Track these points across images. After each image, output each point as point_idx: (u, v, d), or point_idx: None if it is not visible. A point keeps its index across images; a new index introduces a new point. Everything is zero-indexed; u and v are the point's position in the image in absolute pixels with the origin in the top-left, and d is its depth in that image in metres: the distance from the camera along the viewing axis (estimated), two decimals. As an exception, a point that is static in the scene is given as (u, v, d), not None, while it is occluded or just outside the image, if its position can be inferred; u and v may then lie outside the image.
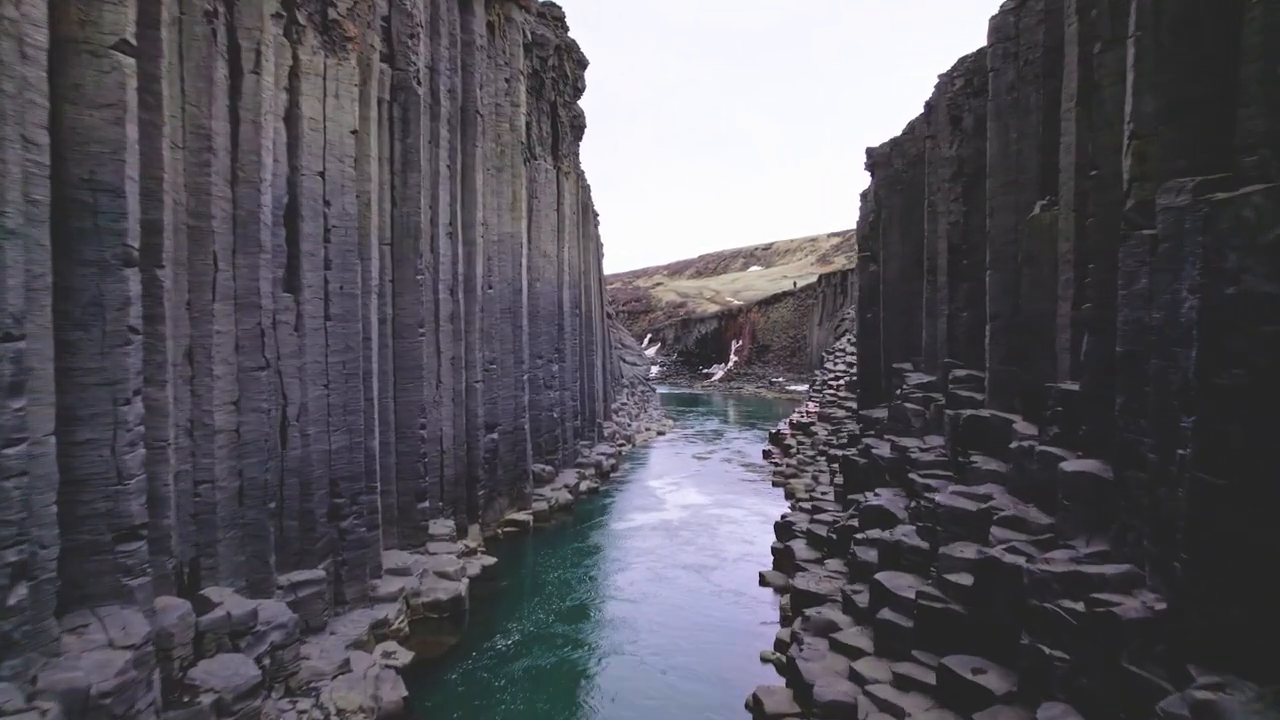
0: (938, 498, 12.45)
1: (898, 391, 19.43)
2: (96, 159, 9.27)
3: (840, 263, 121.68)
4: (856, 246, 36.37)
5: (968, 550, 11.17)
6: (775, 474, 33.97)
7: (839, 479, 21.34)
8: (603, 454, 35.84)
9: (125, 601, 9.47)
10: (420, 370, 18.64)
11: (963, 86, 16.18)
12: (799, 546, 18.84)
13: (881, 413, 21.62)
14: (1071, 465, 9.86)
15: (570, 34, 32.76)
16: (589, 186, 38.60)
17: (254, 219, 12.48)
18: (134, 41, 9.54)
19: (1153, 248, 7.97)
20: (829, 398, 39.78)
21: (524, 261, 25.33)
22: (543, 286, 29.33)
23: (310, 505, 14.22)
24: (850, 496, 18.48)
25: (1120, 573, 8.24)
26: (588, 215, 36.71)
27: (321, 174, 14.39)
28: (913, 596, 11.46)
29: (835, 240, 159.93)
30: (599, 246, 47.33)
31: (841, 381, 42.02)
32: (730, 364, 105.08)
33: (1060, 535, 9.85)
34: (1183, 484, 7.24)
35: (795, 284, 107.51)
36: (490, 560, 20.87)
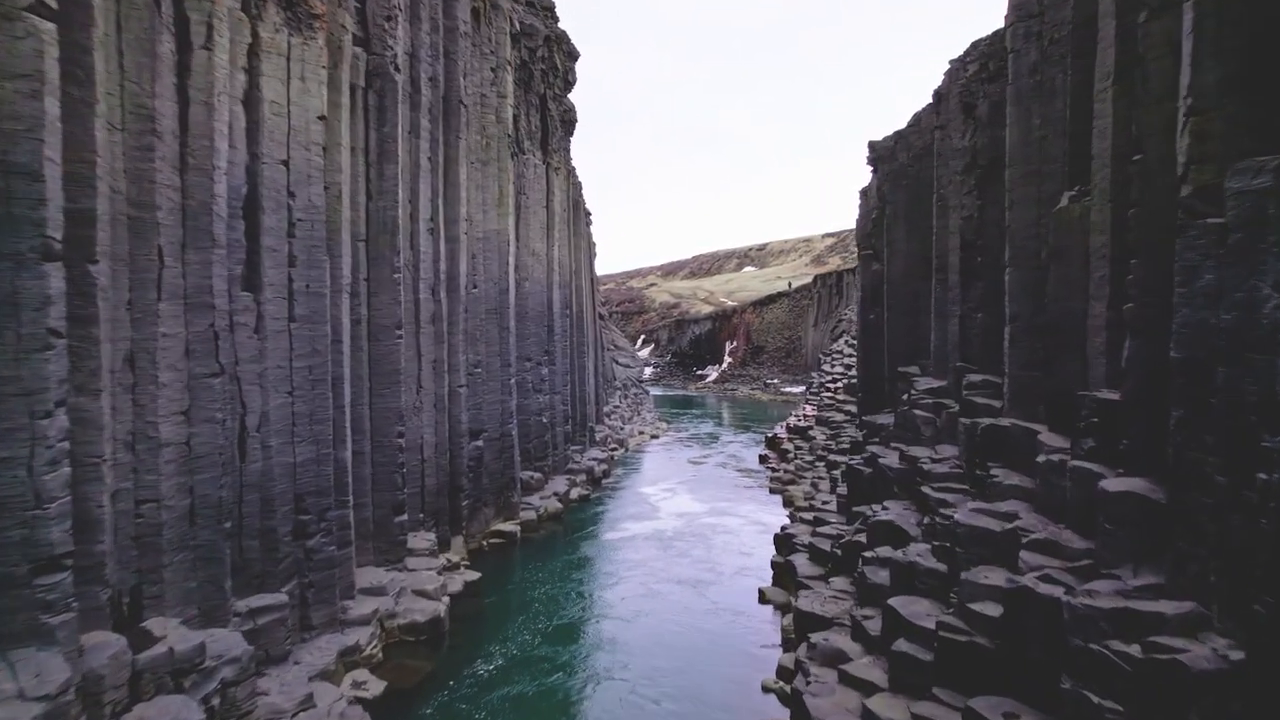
0: (956, 515, 11.38)
1: (904, 397, 18.38)
2: (9, 138, 8.11)
3: (835, 263, 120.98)
4: (856, 245, 35.37)
5: (993, 575, 10.10)
6: (772, 480, 32.91)
7: (841, 488, 20.29)
8: (594, 459, 34.72)
9: (44, 642, 8.30)
10: (398, 375, 17.48)
11: (977, 72, 15.14)
12: (801, 561, 17.75)
13: (887, 419, 20.56)
14: (1114, 484, 8.80)
15: (560, 25, 31.67)
16: (580, 183, 37.48)
17: (206, 210, 11.32)
18: (53, 5, 8.38)
19: (1220, 238, 6.92)
20: (827, 401, 38.77)
21: (511, 260, 24.20)
22: (531, 286, 28.20)
23: (273, 523, 13.05)
24: (855, 509, 17.41)
25: (1181, 612, 7.18)
26: (579, 213, 35.61)
27: (285, 162, 13.23)
28: (932, 627, 10.38)
29: (830, 241, 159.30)
30: (591, 245, 46.25)
31: (839, 384, 41.00)
32: (724, 365, 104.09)
33: (1101, 563, 8.79)
34: (1265, 513, 6.18)
35: (790, 285, 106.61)
36: (474, 575, 19.72)
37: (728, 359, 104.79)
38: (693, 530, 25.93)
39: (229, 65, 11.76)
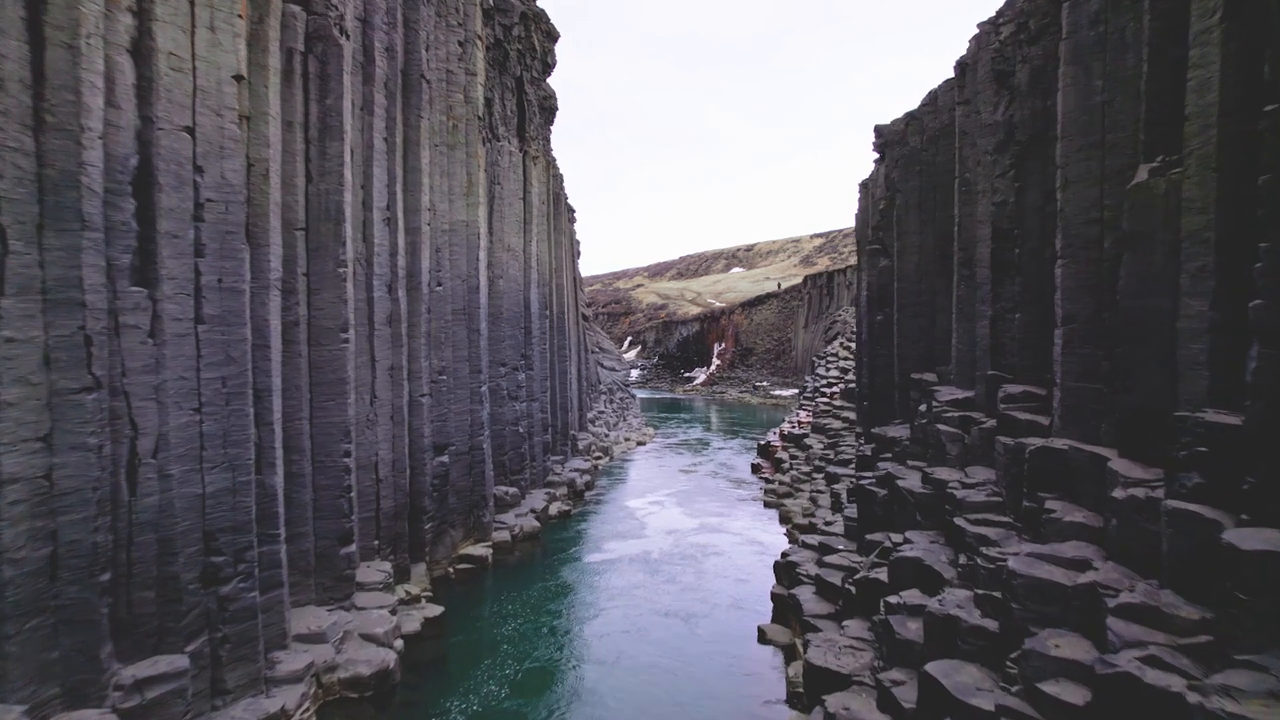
0: (1011, 563, 9.21)
1: (921, 408, 16.25)
2: None
3: (824, 264, 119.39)
4: (856, 241, 33.30)
5: (1069, 646, 7.95)
6: (767, 491, 30.76)
7: (849, 510, 18.13)
8: (577, 470, 32.44)
9: None
10: (344, 384, 15.14)
11: (1013, 34, 13.02)
12: (806, 596, 15.58)
13: (899, 431, 18.44)
14: (1247, 539, 6.66)
15: (539, 4, 29.40)
16: (561, 176, 35.20)
17: (72, 181, 8.97)
18: None
19: None
20: (823, 407, 36.70)
21: (481, 255, 21.89)
22: (506, 285, 25.88)
23: (173, 569, 10.69)
24: (869, 537, 15.25)
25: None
26: (559, 207, 33.34)
27: (189, 130, 10.88)
28: (989, 709, 8.21)
29: (818, 241, 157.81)
30: (574, 243, 43.99)
31: (835, 389, 38.94)
32: (713, 368, 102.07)
33: (1228, 642, 6.65)
34: None
35: (780, 285, 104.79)
36: (435, 610, 17.40)
37: (716, 361, 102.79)
38: (682, 551, 23.70)
39: (105, 1, 9.40)
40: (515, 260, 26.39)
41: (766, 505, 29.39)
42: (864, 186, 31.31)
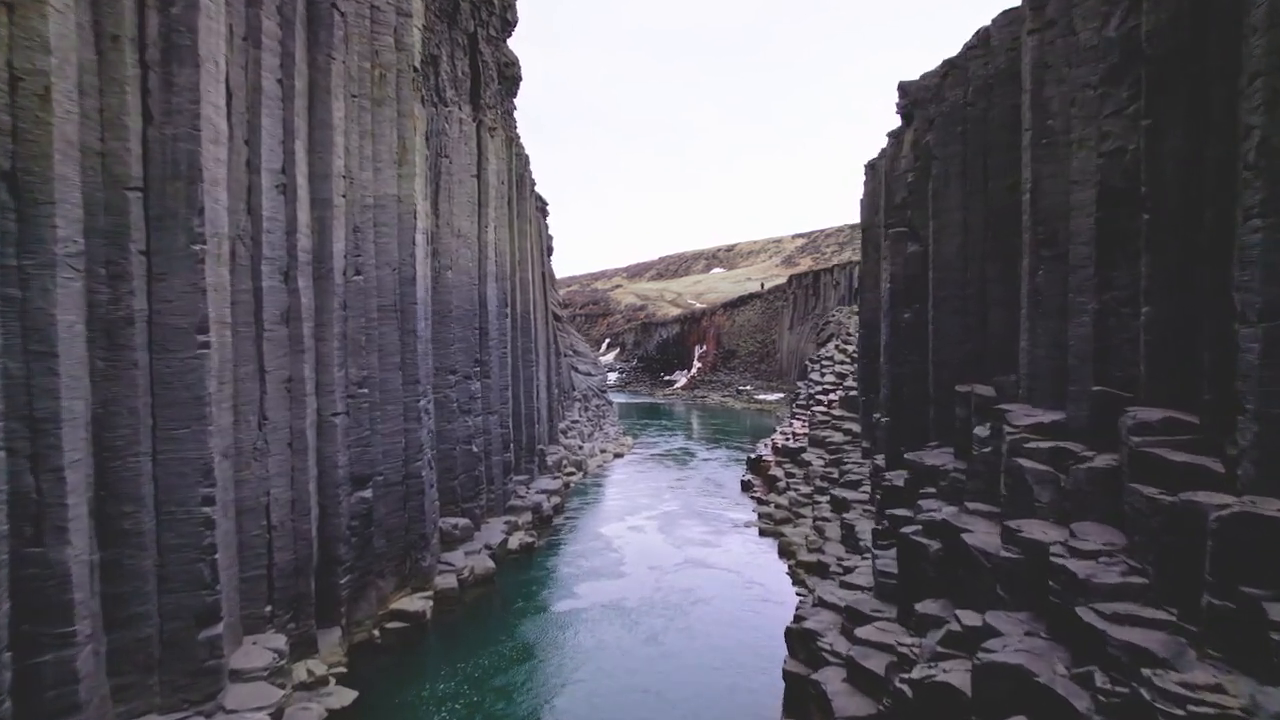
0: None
1: (979, 431, 12.41)
2: None
3: (806, 264, 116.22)
4: (861, 231, 29.57)
5: None
6: (762, 516, 26.85)
7: (879, 556, 14.23)
8: (544, 491, 28.32)
9: None
10: (202, 404, 10.96)
11: (1136, -89, 9.23)
12: (835, 685, 11.67)
13: (940, 457, 14.60)
14: None
15: (498, -47, 25.32)
16: (527, 157, 31.09)
17: None
18: None
19: None
20: (820, 416, 32.90)
21: (419, 239, 17.74)
22: (456, 277, 21.74)
23: None
24: (920, 609, 11.35)
25: None
26: (525, 190, 29.22)
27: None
28: None
29: (800, 241, 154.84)
30: (544, 234, 39.89)
31: (833, 396, 35.18)
32: (694, 370, 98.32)
33: None
34: None
35: (763, 285, 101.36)
36: (346, 697, 13.30)
37: (697, 364, 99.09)
38: (665, 596, 19.69)
39: None
40: (468, 248, 22.24)
41: (762, 533, 25.48)
42: (871, 168, 27.59)
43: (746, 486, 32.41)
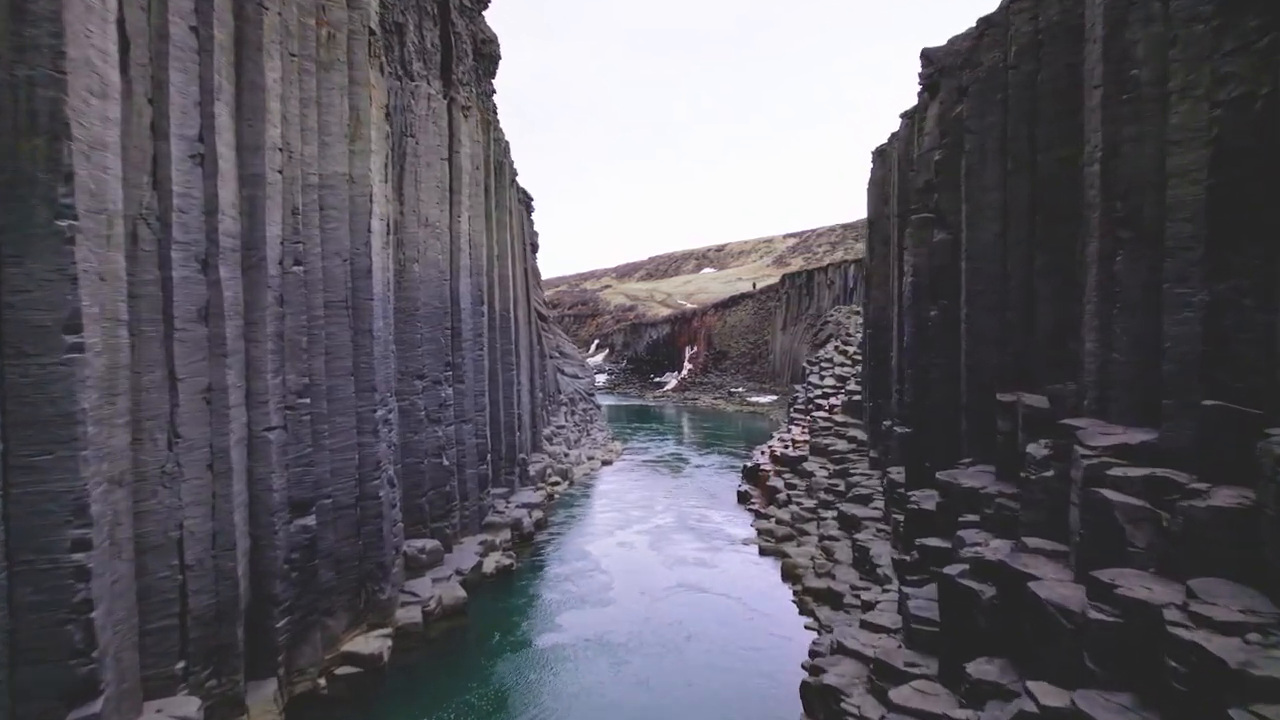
0: None
1: (1036, 451, 10.29)
2: None
3: (798, 264, 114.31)
4: (867, 224, 27.50)
5: None
6: (762, 533, 24.69)
7: (912, 599, 12.09)
8: (526, 505, 26.08)
9: None
10: (73, 422, 8.67)
11: None
12: (867, 763, 9.48)
13: (978, 478, 12.50)
14: None
15: (473, -83, 23.09)
16: (507, 143, 28.84)
17: None
18: None
19: None
20: (821, 422, 30.81)
21: (375, 225, 15.47)
22: (424, 270, 19.48)
23: None
24: (973, 673, 9.20)
25: None
26: (504, 179, 26.96)
27: None
28: None
29: (791, 241, 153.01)
30: (527, 229, 37.64)
31: (835, 401, 33.11)
32: (684, 372, 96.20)
33: None
34: None
35: (755, 285, 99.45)
36: (276, 770, 11.05)
37: (688, 365, 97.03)
38: (658, 631, 17.48)
39: None
40: (437, 239, 19.97)
41: (763, 552, 23.33)
42: (880, 154, 25.55)
43: (743, 498, 30.26)
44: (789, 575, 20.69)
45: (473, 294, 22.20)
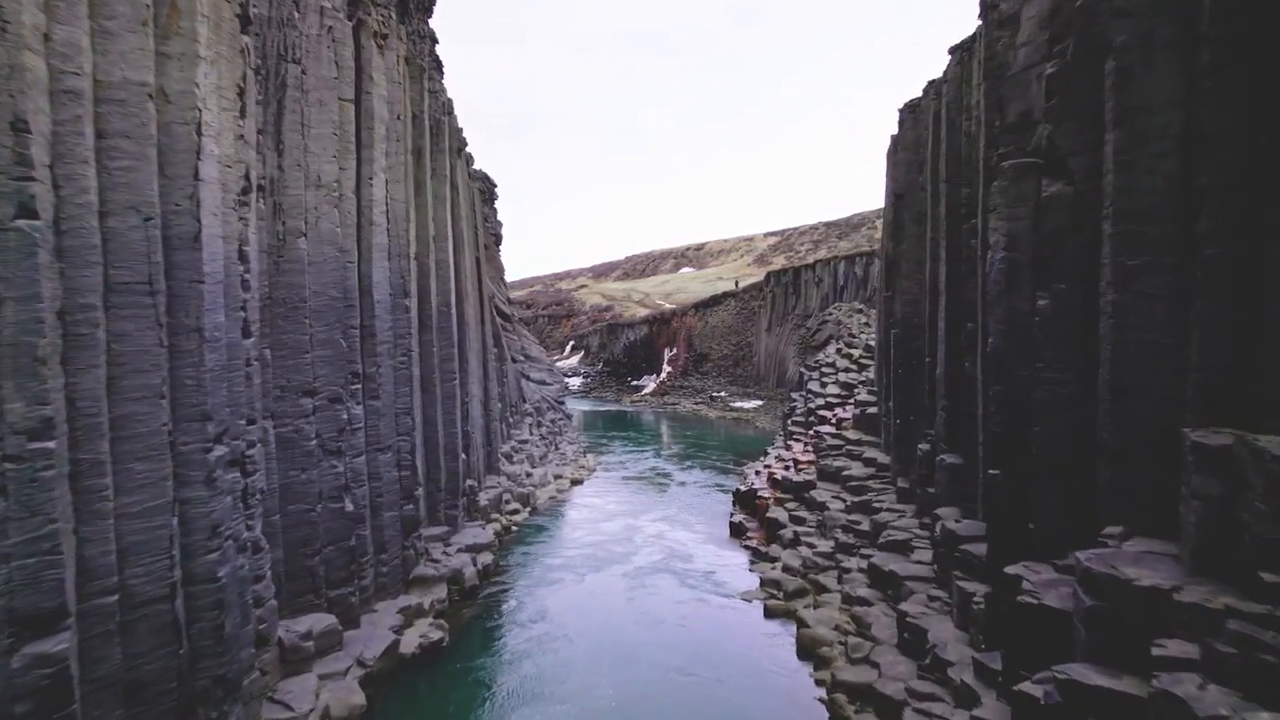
0: None
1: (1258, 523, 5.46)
2: None
3: (780, 263, 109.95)
4: (887, 197, 22.55)
5: None
6: (766, 583, 19.65)
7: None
8: (471, 549, 20.88)
9: None
10: None
11: None
12: None
13: (1156, 571, 7.62)
14: None
15: None
16: (450, 102, 23.58)
17: None
18: None
19: None
20: (829, 439, 25.92)
21: (206, 169, 10.18)
22: (314, 249, 14.24)
23: None
24: None
25: None
26: (443, 142, 21.67)
27: None
28: None
29: (773, 240, 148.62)
30: (485, 212, 32.37)
31: (842, 414, 28.26)
32: (663, 375, 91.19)
33: None
34: None
35: (737, 284, 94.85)
36: None
37: (667, 368, 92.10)
38: (636, 751, 12.43)
39: None
40: (335, 207, 14.71)
41: (769, 612, 18.31)
42: (911, 110, 20.66)
43: (737, 530, 25.30)
44: (808, 651, 15.70)
45: (392, 282, 16.96)
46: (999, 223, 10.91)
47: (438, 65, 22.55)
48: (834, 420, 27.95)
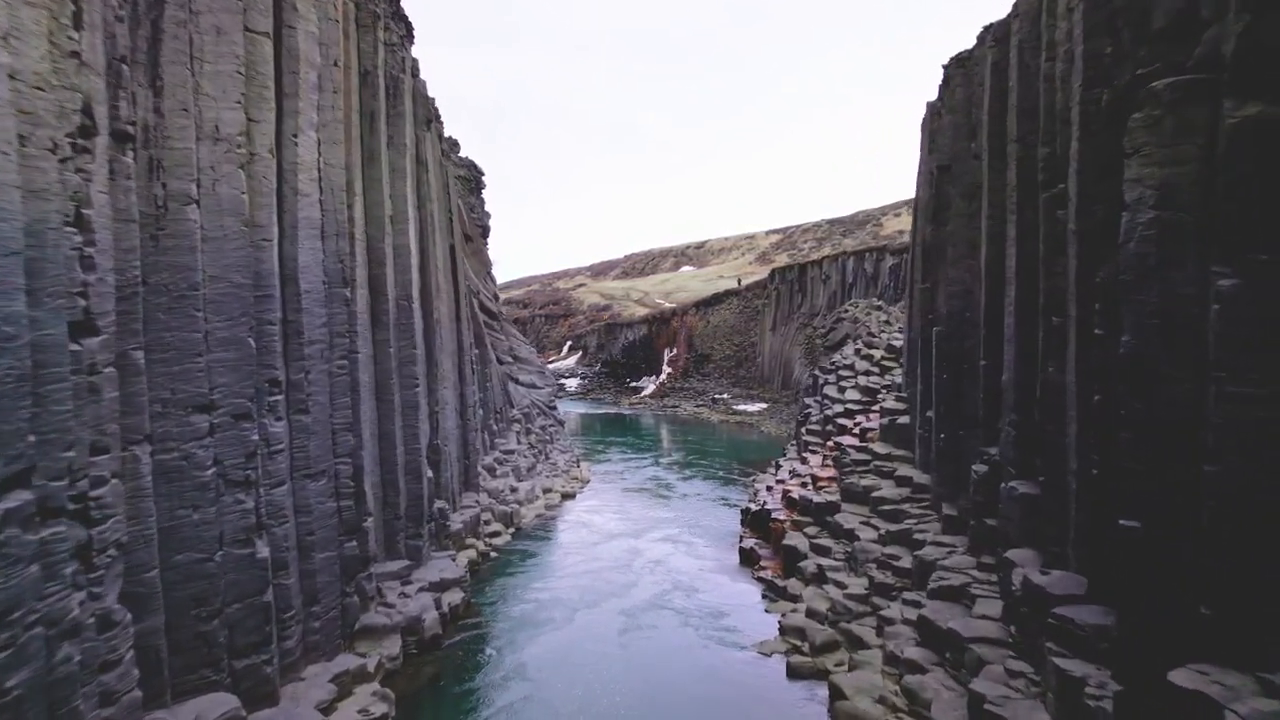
0: None
1: None
2: None
3: (782, 261, 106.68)
4: (935, 171, 19.20)
5: None
6: (787, 631, 16.36)
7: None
8: (436, 585, 17.61)
9: None
10: None
11: None
12: None
13: None
14: None
15: None
16: (415, 62, 20.26)
17: None
18: None
19: None
20: (853, 453, 22.61)
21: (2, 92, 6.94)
22: (212, 220, 10.95)
23: None
24: None
25: None
26: (402, 105, 18.32)
27: None
28: None
29: (775, 238, 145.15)
30: (454, 192, 29.14)
31: (866, 423, 24.97)
32: (663, 377, 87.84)
33: None
34: None
35: (740, 281, 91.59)
36: None
37: (667, 369, 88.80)
38: None
39: None
40: (237, 167, 11.39)
41: (793, 671, 14.99)
42: (960, 65, 17.24)
43: (748, 557, 22.01)
44: (850, 734, 12.41)
45: (327, 267, 13.66)
46: (1144, 170, 7.60)
47: (400, 19, 19.24)
48: (857, 430, 24.65)
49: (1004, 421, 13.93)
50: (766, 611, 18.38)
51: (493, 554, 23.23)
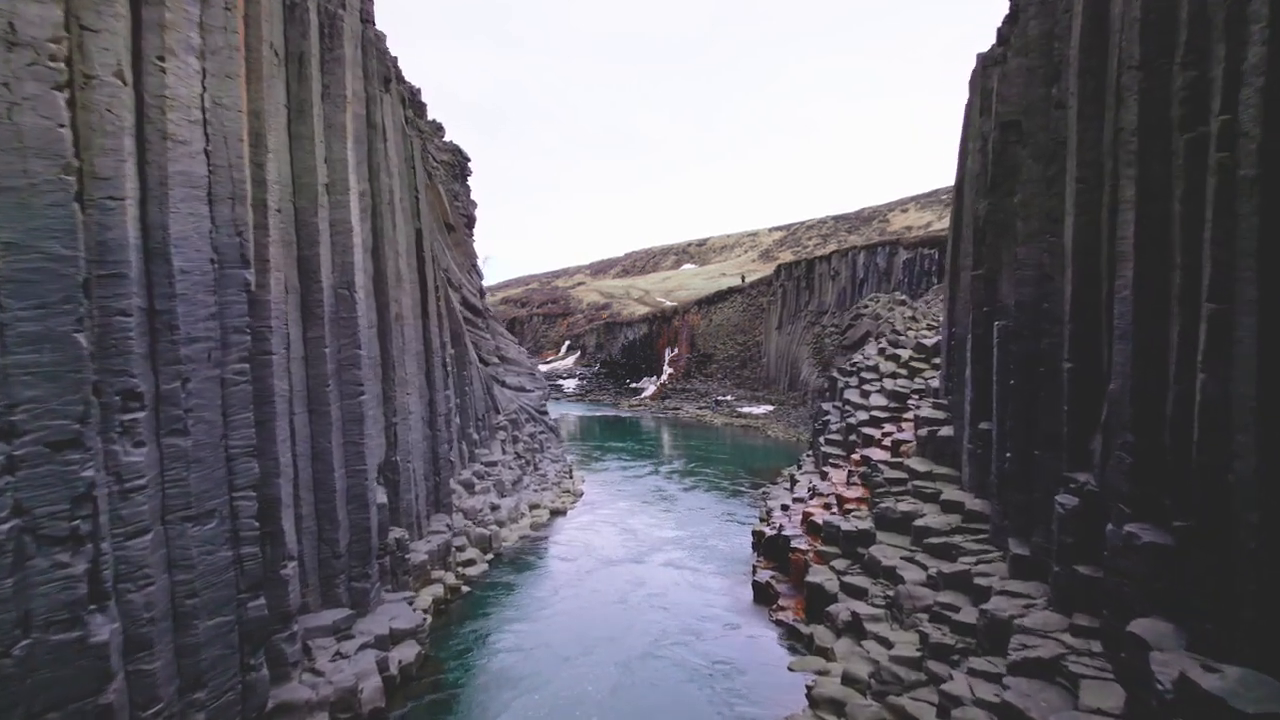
0: None
1: None
2: None
3: (786, 258, 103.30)
4: (998, 131, 15.76)
5: None
6: (819, 709, 12.96)
7: None
8: (383, 639, 14.24)
9: None
10: None
11: None
12: None
13: None
14: None
15: None
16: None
17: None
18: None
19: None
20: (886, 470, 19.20)
21: None
22: (7, 166, 7.62)
23: None
24: None
25: None
26: (339, 47, 14.93)
27: None
28: None
29: (778, 235, 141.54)
30: (420, 164, 25.84)
31: (898, 434, 21.55)
32: (664, 377, 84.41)
33: None
34: None
35: (744, 278, 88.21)
36: None
37: (668, 370, 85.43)
38: None
39: None
40: (55, 90, 8.05)
41: (830, 765, 11.67)
42: (1042, 2, 13.93)
43: (763, 593, 18.65)
44: None
45: (218, 243, 10.27)
46: None
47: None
48: (888, 442, 21.24)
49: (1112, 443, 10.53)
50: (790, 669, 15.02)
51: (465, 588, 19.87)
